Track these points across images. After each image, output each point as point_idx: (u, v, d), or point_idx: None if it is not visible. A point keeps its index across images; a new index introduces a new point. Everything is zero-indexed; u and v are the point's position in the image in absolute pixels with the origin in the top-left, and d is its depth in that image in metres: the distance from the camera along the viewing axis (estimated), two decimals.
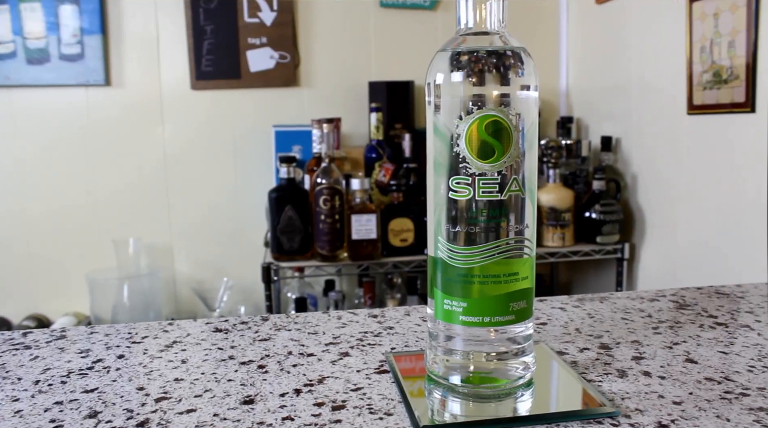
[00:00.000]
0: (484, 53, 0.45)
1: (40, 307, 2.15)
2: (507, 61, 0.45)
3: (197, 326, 0.68)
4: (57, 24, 2.01)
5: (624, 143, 1.85)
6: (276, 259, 1.80)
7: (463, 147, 0.45)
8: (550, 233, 1.75)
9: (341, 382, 0.52)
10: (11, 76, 2.02)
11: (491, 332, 0.47)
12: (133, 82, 2.11)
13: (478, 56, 0.45)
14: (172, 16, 2.09)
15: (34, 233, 2.12)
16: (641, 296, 0.74)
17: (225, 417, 0.46)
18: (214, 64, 2.13)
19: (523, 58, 0.46)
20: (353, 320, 0.68)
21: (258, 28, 2.13)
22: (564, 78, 2.19)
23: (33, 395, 0.51)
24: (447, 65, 0.45)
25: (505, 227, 0.46)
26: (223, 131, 2.17)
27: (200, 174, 2.18)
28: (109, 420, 0.46)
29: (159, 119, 2.14)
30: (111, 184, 2.13)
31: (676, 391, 0.48)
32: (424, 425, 0.43)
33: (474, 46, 0.46)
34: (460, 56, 0.45)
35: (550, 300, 0.73)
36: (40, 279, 2.15)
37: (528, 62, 0.46)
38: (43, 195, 2.11)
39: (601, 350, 0.57)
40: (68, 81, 2.04)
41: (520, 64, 0.45)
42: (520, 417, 0.45)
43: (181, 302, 2.23)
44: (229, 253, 2.21)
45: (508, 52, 0.45)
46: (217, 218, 2.20)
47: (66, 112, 2.08)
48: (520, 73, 0.45)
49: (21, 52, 2.01)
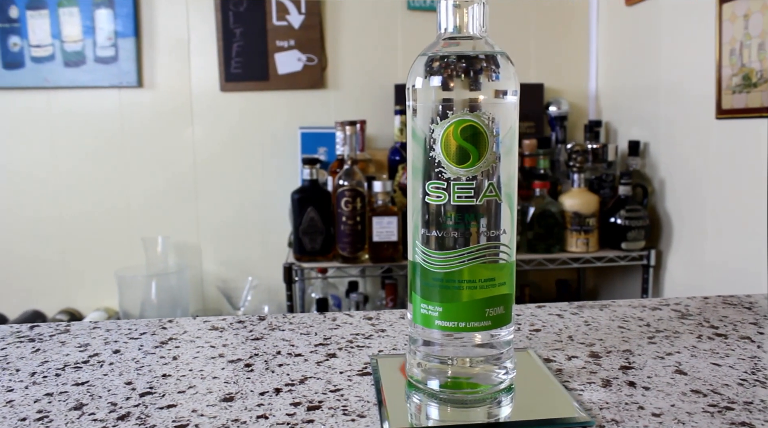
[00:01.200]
0: (459, 58, 0.45)
1: (73, 302, 2.21)
2: (481, 66, 0.45)
3: (195, 324, 0.69)
4: (93, 28, 2.07)
5: (652, 148, 1.82)
6: (297, 260, 1.82)
7: (438, 151, 0.45)
8: (573, 239, 1.73)
9: (322, 383, 0.52)
10: (50, 79, 2.09)
11: (469, 337, 0.47)
12: (165, 83, 2.15)
13: (453, 61, 0.45)
14: (203, 19, 2.13)
15: (68, 231, 2.18)
16: (644, 304, 0.73)
17: (202, 414, 0.47)
18: (243, 66, 2.16)
19: (501, 62, 0.46)
20: (348, 321, 0.69)
21: (286, 31, 2.15)
22: (593, 81, 2.15)
23: (27, 386, 0.53)
24: (422, 70, 0.46)
25: (480, 232, 0.46)
26: (251, 132, 2.21)
27: (228, 174, 2.22)
28: (92, 413, 0.47)
29: (189, 120, 2.18)
30: (141, 183, 2.18)
31: (658, 403, 0.47)
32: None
33: (450, 51, 0.46)
34: (435, 61, 0.45)
35: (548, 307, 0.72)
36: (74, 275, 2.21)
37: (506, 67, 0.46)
38: (78, 194, 2.17)
39: (590, 358, 0.56)
40: (102, 83, 2.10)
41: (496, 68, 0.45)
42: (490, 424, 0.44)
43: (208, 300, 2.27)
44: (255, 253, 2.24)
45: (483, 57, 0.45)
46: (244, 218, 2.23)
47: (100, 113, 2.13)
48: (495, 77, 0.45)
49: (59, 55, 2.08)
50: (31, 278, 2.20)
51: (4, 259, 2.19)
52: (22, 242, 2.18)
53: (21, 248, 2.18)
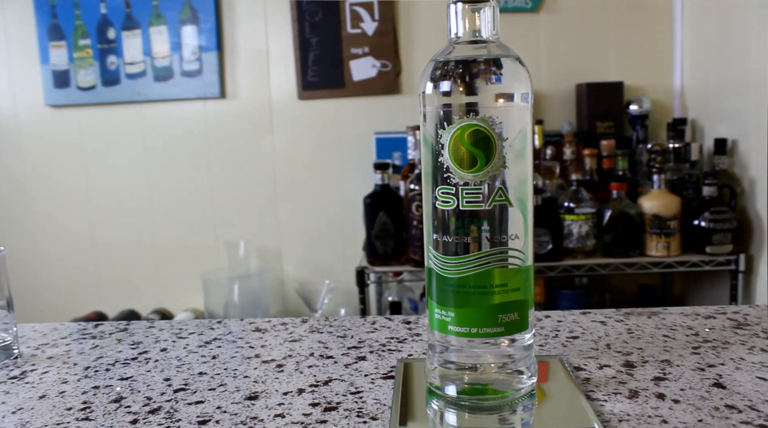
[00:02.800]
0: (466, 63, 0.45)
1: (164, 302, 2.34)
2: (489, 70, 0.44)
3: (241, 325, 0.72)
4: (179, 43, 2.20)
5: (741, 146, 1.70)
6: (370, 263, 1.84)
7: (446, 157, 0.45)
8: (653, 242, 1.65)
9: (345, 385, 0.53)
10: (142, 93, 2.23)
11: (484, 343, 0.47)
12: (246, 94, 2.25)
13: (459, 66, 0.45)
14: (281, 30, 2.20)
15: (160, 236, 2.32)
16: (698, 312, 0.69)
17: (225, 410, 0.49)
18: (319, 74, 2.22)
19: (509, 66, 0.45)
20: (386, 325, 0.70)
21: (360, 39, 2.19)
22: (678, 77, 2.04)
23: (79, 379, 0.57)
24: (429, 75, 0.46)
25: (490, 237, 0.45)
26: (328, 139, 2.26)
27: (307, 180, 2.28)
28: (129, 406, 0.51)
29: (269, 128, 2.26)
30: (224, 189, 2.29)
31: (685, 417, 0.45)
32: None
33: (457, 56, 0.45)
34: (442, 66, 0.45)
35: (593, 313, 0.70)
36: (165, 277, 2.34)
37: (515, 70, 0.45)
38: (168, 200, 2.30)
39: (623, 368, 0.54)
40: (188, 95, 2.21)
41: (504, 72, 0.45)
42: None
43: (288, 302, 2.34)
44: (333, 256, 2.28)
45: (491, 61, 0.45)
46: (322, 222, 2.28)
47: (186, 123, 2.26)
48: (502, 81, 0.44)
49: (150, 70, 2.22)
50: (128, 279, 2.36)
51: (105, 262, 2.35)
52: (119, 246, 2.33)
53: (119, 251, 2.34)
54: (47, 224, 2.36)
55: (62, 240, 2.36)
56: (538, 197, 1.71)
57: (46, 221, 2.36)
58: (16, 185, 2.35)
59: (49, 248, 2.37)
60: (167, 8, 2.19)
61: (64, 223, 2.35)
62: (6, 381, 0.58)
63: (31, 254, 2.38)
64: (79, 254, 2.36)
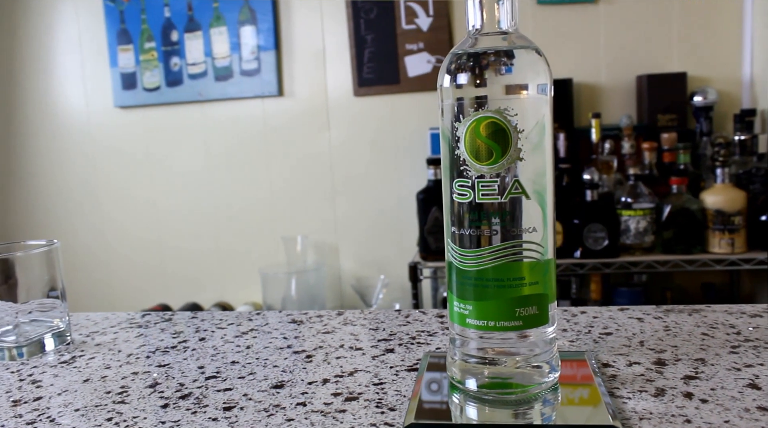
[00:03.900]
0: (481, 55, 0.45)
1: (225, 296, 2.42)
2: (504, 62, 0.44)
3: (278, 317, 0.74)
4: (238, 44, 2.26)
5: None
6: (423, 259, 1.84)
7: (462, 150, 0.45)
8: (716, 239, 1.58)
9: (369, 376, 0.54)
10: (203, 93, 2.31)
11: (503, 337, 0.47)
12: (303, 91, 2.29)
13: (475, 59, 0.45)
14: (336, 28, 2.23)
15: (221, 231, 2.40)
16: (743, 310, 0.66)
17: (251, 398, 0.51)
18: (374, 71, 2.23)
19: (526, 57, 0.45)
20: (419, 319, 0.70)
21: (415, 34, 2.19)
22: (747, 66, 1.95)
23: (121, 365, 0.61)
24: (446, 68, 0.46)
25: (507, 230, 0.45)
26: (384, 134, 2.27)
27: (363, 175, 2.30)
28: (162, 391, 0.53)
29: (326, 125, 2.30)
30: (283, 186, 2.34)
31: (711, 417, 0.43)
32: (410, 423, 0.44)
33: (474, 48, 0.45)
34: (458, 59, 0.45)
35: (631, 310, 0.68)
36: (227, 271, 2.42)
37: (533, 62, 0.45)
38: (228, 196, 2.37)
39: (654, 365, 0.53)
40: (247, 94, 2.27)
41: (516, 63, 0.44)
42: (509, 425, 0.44)
43: (345, 297, 2.37)
44: (389, 251, 2.30)
45: (507, 53, 0.44)
46: (378, 217, 2.30)
47: (246, 121, 2.32)
48: (510, 71, 0.44)
49: (210, 70, 2.29)
50: (191, 274, 2.45)
51: (170, 257, 2.45)
52: (183, 241, 2.42)
53: (183, 247, 2.43)
54: (117, 221, 2.48)
55: (130, 236, 2.47)
56: (594, 192, 1.67)
57: (116, 219, 2.48)
58: (89, 181, 2.48)
59: (119, 244, 2.49)
60: (227, 9, 2.25)
61: (132, 221, 2.46)
62: (57, 365, 0.62)
63: (102, 250, 2.50)
64: (146, 250, 2.46)
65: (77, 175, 2.48)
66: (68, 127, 2.46)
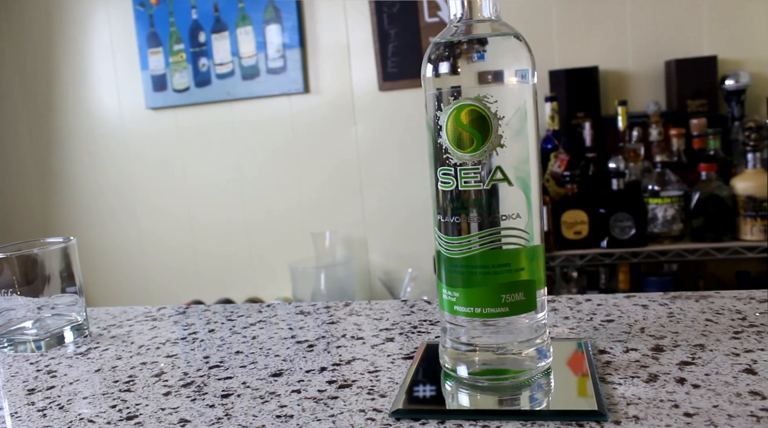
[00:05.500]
0: (460, 44, 0.45)
1: (257, 291, 2.46)
2: (477, 50, 0.44)
3: (287, 308, 0.75)
4: (264, 42, 2.28)
5: None
6: None
7: (444, 138, 0.45)
8: (747, 226, 1.54)
9: (366, 364, 0.55)
10: (231, 92, 2.35)
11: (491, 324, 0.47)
12: (328, 88, 2.30)
13: (454, 47, 0.45)
14: (360, 24, 2.24)
15: (252, 228, 2.44)
16: (753, 296, 0.65)
17: (249, 386, 0.52)
18: (398, 65, 2.24)
19: (505, 44, 0.45)
20: (423, 308, 0.70)
21: (438, 28, 2.18)
22: None
23: (132, 356, 0.63)
24: (427, 57, 0.46)
25: (490, 217, 0.45)
26: (410, 128, 2.27)
27: (390, 170, 2.31)
28: (166, 380, 0.55)
29: (351, 120, 2.31)
30: (310, 181, 2.36)
31: (700, 402, 0.43)
32: (396, 409, 0.45)
33: (454, 37, 0.46)
34: (438, 48, 0.46)
35: (637, 297, 0.67)
36: (258, 267, 2.46)
37: (513, 48, 0.45)
38: (258, 193, 2.41)
39: (651, 351, 0.52)
40: (274, 92, 2.30)
41: (489, 50, 0.44)
42: (493, 410, 0.44)
43: (375, 291, 2.39)
44: (416, 245, 2.30)
45: (485, 41, 0.45)
46: (405, 211, 2.30)
47: (273, 119, 2.35)
48: (483, 58, 0.44)
49: (237, 70, 2.33)
50: (224, 270, 2.49)
51: (204, 254, 2.50)
52: (216, 237, 2.47)
53: (215, 243, 2.48)
54: (151, 221, 2.54)
55: (164, 234, 2.53)
56: (620, 180, 1.64)
57: (151, 218, 2.54)
58: (123, 181, 2.55)
59: (154, 242, 2.55)
60: (252, 9, 2.28)
61: (165, 219, 2.52)
62: (73, 356, 0.64)
63: (138, 249, 2.57)
64: (180, 247, 2.52)
65: (113, 175, 2.56)
66: (103, 129, 2.53)
